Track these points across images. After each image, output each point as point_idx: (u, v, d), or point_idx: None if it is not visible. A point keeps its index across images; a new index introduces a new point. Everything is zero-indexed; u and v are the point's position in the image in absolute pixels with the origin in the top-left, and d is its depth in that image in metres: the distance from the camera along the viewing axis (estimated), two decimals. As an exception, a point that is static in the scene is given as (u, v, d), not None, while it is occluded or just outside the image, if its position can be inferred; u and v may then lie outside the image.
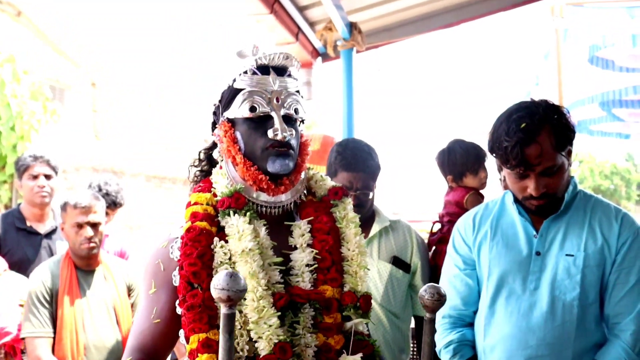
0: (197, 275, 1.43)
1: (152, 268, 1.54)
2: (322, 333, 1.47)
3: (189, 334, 1.41)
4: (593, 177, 25.03)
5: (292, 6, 4.32)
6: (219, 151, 1.59)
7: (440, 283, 2.26)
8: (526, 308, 1.99)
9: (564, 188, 2.01)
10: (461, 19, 5.02)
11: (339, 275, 1.53)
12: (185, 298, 1.42)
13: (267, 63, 1.55)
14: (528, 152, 1.90)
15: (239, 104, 1.53)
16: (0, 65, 8.07)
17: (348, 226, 1.59)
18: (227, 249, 1.47)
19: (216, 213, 1.52)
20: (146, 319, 1.50)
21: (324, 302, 1.48)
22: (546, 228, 2.04)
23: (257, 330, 1.40)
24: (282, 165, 1.50)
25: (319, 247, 1.53)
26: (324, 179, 1.67)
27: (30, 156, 3.74)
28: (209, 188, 1.57)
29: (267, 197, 1.52)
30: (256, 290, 1.41)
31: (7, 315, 3.14)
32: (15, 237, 3.64)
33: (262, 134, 1.51)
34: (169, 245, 1.53)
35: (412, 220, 7.24)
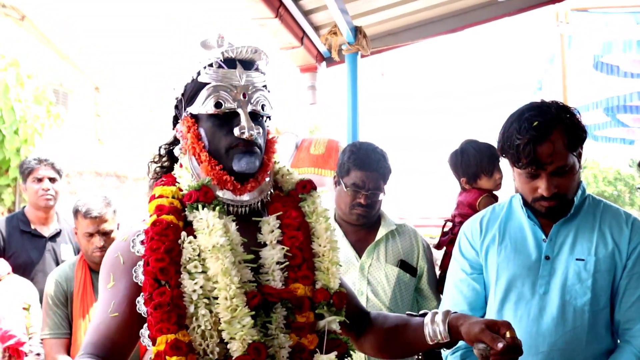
0: (165, 272, 1.34)
1: (111, 261, 1.45)
2: (295, 333, 1.42)
3: (155, 335, 1.33)
4: (597, 183, 24.99)
5: (297, 10, 4.32)
6: (181, 148, 1.52)
7: (445, 287, 2.24)
8: (536, 313, 1.97)
9: (574, 190, 1.99)
10: (466, 24, 5.00)
11: (310, 272, 1.48)
12: (152, 296, 1.34)
13: (234, 56, 1.47)
14: (540, 150, 1.87)
15: (203, 99, 1.45)
16: (4, 69, 8.09)
17: (318, 221, 1.54)
18: (196, 245, 1.39)
19: (182, 207, 1.44)
20: (103, 313, 1.41)
21: (295, 300, 1.43)
22: (555, 232, 2.01)
23: (230, 331, 1.34)
24: (248, 164, 1.44)
25: (289, 244, 1.47)
26: (290, 173, 1.61)
27: (35, 159, 3.75)
28: (173, 182, 1.50)
29: (233, 196, 1.46)
30: (229, 289, 1.34)
31: (11, 319, 3.14)
32: (19, 240, 3.64)
33: (227, 132, 1.45)
34: (130, 239, 1.44)
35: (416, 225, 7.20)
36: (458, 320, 1.47)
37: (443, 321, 1.48)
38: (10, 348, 3.09)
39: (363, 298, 2.59)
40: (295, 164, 4.41)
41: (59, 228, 3.77)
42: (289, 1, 4.12)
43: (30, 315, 3.27)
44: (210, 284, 1.37)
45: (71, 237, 3.83)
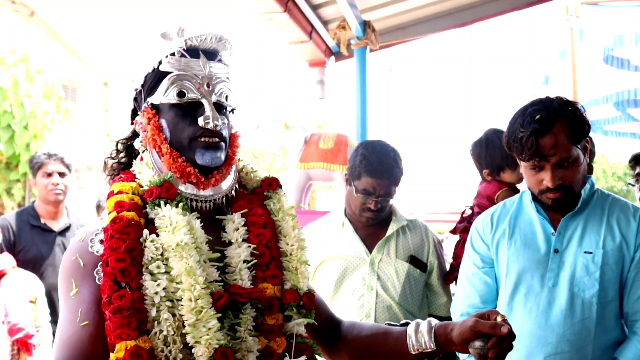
0: (125, 273, 1.25)
1: (69, 265, 1.34)
2: (264, 335, 1.35)
3: (115, 341, 1.23)
4: (606, 178, 24.89)
5: (305, 4, 4.31)
6: (141, 140, 1.43)
7: (458, 281, 2.27)
8: (545, 305, 1.98)
9: (580, 182, 2.00)
10: (475, 18, 4.99)
11: (278, 271, 1.41)
12: (111, 299, 1.24)
13: (198, 45, 1.41)
14: (543, 142, 1.90)
15: (165, 88, 1.38)
16: (14, 65, 8.13)
17: (284, 219, 1.47)
18: (159, 243, 1.30)
19: (143, 204, 1.36)
20: (71, 324, 1.29)
21: (265, 301, 1.35)
22: (564, 226, 2.03)
23: (195, 334, 1.25)
24: (213, 159, 1.37)
25: (255, 242, 1.40)
26: (255, 171, 1.54)
27: (45, 154, 3.76)
28: (132, 178, 1.41)
29: (196, 191, 1.38)
30: (193, 289, 1.26)
31: (20, 312, 3.16)
32: (29, 234, 3.66)
33: (190, 122, 1.38)
34: (87, 239, 1.34)
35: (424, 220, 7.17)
36: (446, 328, 1.41)
37: (428, 331, 1.42)
38: (19, 341, 3.11)
39: (373, 293, 2.58)
40: (304, 158, 4.40)
41: (68, 222, 3.79)
42: (297, -5, 4.12)
43: (37, 308, 3.29)
44: (173, 285, 1.28)
45: (81, 231, 3.84)
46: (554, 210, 2.03)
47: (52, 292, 3.50)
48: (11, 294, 3.19)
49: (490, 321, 1.35)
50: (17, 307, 3.17)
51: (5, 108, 7.91)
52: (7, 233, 3.53)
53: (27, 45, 10.59)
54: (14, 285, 3.23)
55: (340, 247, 2.66)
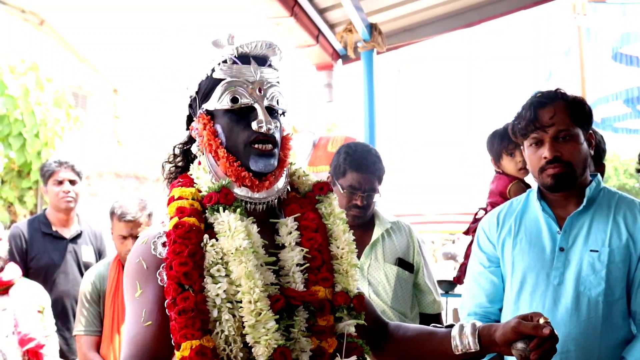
0: (189, 276, 1.31)
1: (134, 268, 1.40)
2: (316, 336, 1.40)
3: (180, 340, 1.29)
4: (617, 176, 24.73)
5: (312, 8, 4.33)
6: (198, 145, 1.49)
7: (465, 280, 2.28)
8: (551, 303, 1.98)
9: (581, 164, 2.00)
10: (482, 18, 4.98)
11: (330, 274, 1.45)
12: (176, 301, 1.30)
13: (249, 52, 1.46)
14: (542, 113, 1.98)
15: (218, 95, 1.43)
16: (24, 73, 8.18)
17: (335, 223, 1.52)
18: (219, 248, 1.36)
19: (202, 209, 1.41)
20: (136, 324, 1.36)
21: (317, 303, 1.41)
22: (570, 224, 2.03)
23: (254, 335, 1.31)
24: (266, 166, 1.42)
25: (307, 246, 1.44)
26: (307, 174, 1.59)
27: (55, 162, 3.79)
28: (191, 183, 1.47)
29: (251, 194, 1.43)
30: (253, 292, 1.31)
31: (30, 322, 3.16)
32: (41, 242, 3.69)
33: (244, 127, 1.42)
34: (149, 242, 1.40)
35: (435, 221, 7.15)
36: (490, 329, 1.46)
37: (472, 333, 1.46)
38: (30, 351, 3.11)
39: None
40: (312, 162, 4.42)
41: (79, 230, 3.82)
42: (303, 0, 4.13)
43: (44, 317, 3.29)
44: (233, 288, 1.34)
45: (91, 238, 3.87)
46: (554, 191, 2.03)
47: (64, 299, 3.52)
48: (20, 304, 3.19)
49: (532, 322, 1.38)
50: (27, 317, 3.16)
51: (16, 116, 7.96)
52: (20, 241, 3.56)
53: (37, 53, 10.67)
54: (22, 295, 3.22)
55: None
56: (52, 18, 11.94)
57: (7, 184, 8.34)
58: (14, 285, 3.23)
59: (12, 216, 8.30)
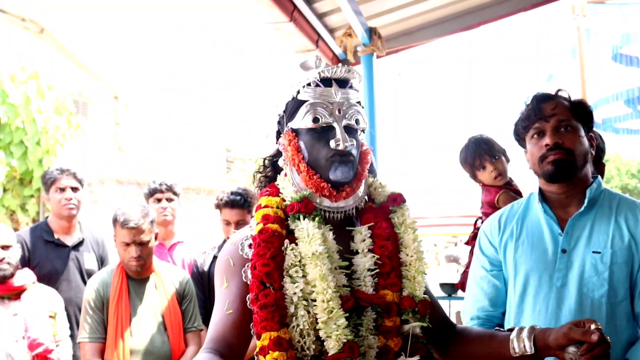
0: (270, 276, 1.49)
1: (223, 264, 1.60)
2: (383, 335, 1.53)
3: (260, 331, 1.46)
4: (620, 177, 24.71)
5: (311, 13, 4.33)
6: (284, 159, 1.65)
7: (467, 284, 2.27)
8: (554, 306, 1.98)
9: (581, 156, 2.02)
10: (481, 21, 4.98)
11: (398, 280, 1.58)
12: (258, 297, 1.48)
13: (330, 76, 1.60)
14: (544, 105, 2.03)
15: (302, 115, 1.59)
16: (25, 81, 8.19)
17: (406, 232, 1.64)
18: (298, 252, 1.52)
19: (285, 216, 1.58)
20: (220, 311, 1.55)
21: (384, 306, 1.54)
22: (572, 225, 2.03)
23: (326, 330, 1.46)
24: (344, 173, 1.56)
25: (379, 252, 1.58)
26: (383, 186, 1.72)
27: (57, 169, 3.80)
28: (277, 192, 1.64)
29: (330, 203, 1.59)
30: (326, 292, 1.47)
31: (39, 327, 3.19)
32: (44, 249, 3.69)
33: (324, 144, 1.57)
34: (238, 243, 1.59)
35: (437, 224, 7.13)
36: (545, 333, 1.55)
37: (528, 337, 1.56)
38: (39, 356, 3.14)
39: None
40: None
41: (81, 237, 3.82)
42: (302, 4, 4.13)
43: (56, 323, 3.32)
44: (309, 288, 1.50)
45: (94, 245, 3.88)
46: (555, 180, 2.03)
47: (67, 306, 3.52)
48: (31, 309, 3.22)
49: (582, 328, 1.48)
50: (37, 322, 3.20)
51: (17, 124, 7.97)
52: (22, 249, 3.56)
53: (38, 61, 10.69)
54: (34, 301, 3.26)
55: None
56: (52, 26, 11.96)
57: (9, 192, 8.34)
58: (26, 291, 3.26)
59: (14, 224, 8.31)
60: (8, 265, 3.21)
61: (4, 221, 8.21)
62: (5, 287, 3.22)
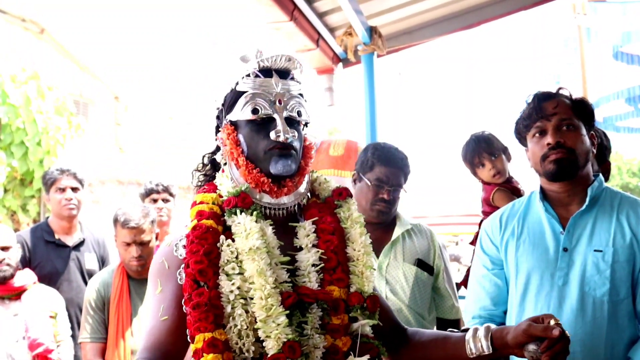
0: (204, 273, 1.41)
1: (157, 267, 1.52)
2: (330, 334, 1.46)
3: (194, 333, 1.39)
4: (621, 175, 24.69)
5: (311, 12, 4.32)
6: (222, 154, 1.59)
7: (469, 283, 2.27)
8: (556, 304, 1.98)
9: (583, 155, 2.02)
10: (482, 20, 4.97)
11: (345, 275, 1.52)
12: (191, 296, 1.41)
13: (270, 65, 1.54)
14: (545, 104, 2.03)
15: (241, 106, 1.53)
16: (25, 82, 8.20)
17: (353, 226, 1.58)
18: (234, 248, 1.45)
19: (222, 213, 1.51)
20: (154, 318, 1.47)
21: (331, 302, 1.47)
22: (573, 224, 2.02)
23: (265, 329, 1.39)
24: (285, 166, 1.49)
25: (324, 247, 1.52)
26: (327, 181, 1.66)
27: (57, 170, 3.79)
28: (214, 189, 1.56)
29: (270, 199, 1.52)
30: (264, 288, 1.40)
31: (39, 327, 3.19)
32: (44, 250, 3.69)
33: (264, 136, 1.51)
34: (173, 244, 1.51)
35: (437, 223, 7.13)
36: (502, 332, 1.50)
37: (485, 336, 1.51)
38: (39, 356, 3.14)
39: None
40: (314, 166, 4.38)
41: (82, 237, 3.82)
42: (303, 4, 4.13)
43: (58, 323, 3.32)
44: (246, 285, 1.42)
45: (94, 245, 3.87)
46: (556, 179, 2.03)
47: (68, 306, 3.52)
48: (32, 310, 3.22)
49: (542, 324, 1.42)
50: (37, 323, 3.20)
51: (18, 125, 7.97)
52: (23, 249, 3.56)
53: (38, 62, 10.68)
54: (34, 301, 3.26)
55: None
56: (53, 27, 11.96)
57: (10, 193, 8.34)
58: (27, 291, 3.26)
59: (15, 225, 8.31)
60: (8, 266, 3.21)
61: (5, 221, 8.21)
62: (5, 288, 3.22)
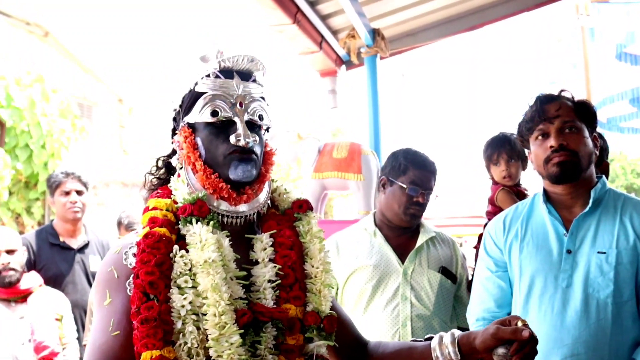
0: (154, 286, 1.30)
1: (105, 276, 1.39)
2: (284, 355, 1.38)
3: (140, 350, 1.28)
4: (625, 176, 24.62)
5: (314, 15, 4.34)
6: (178, 158, 1.49)
7: (473, 286, 2.27)
8: (560, 306, 1.97)
9: (586, 157, 2.02)
10: (484, 21, 4.99)
11: (302, 293, 1.44)
12: (140, 310, 1.29)
13: (231, 66, 1.46)
14: (548, 107, 2.04)
15: (200, 108, 1.44)
16: (30, 85, 8.23)
17: (312, 241, 1.50)
18: (188, 259, 1.35)
19: (176, 220, 1.41)
20: (103, 333, 1.34)
21: (287, 321, 1.39)
22: (576, 226, 2.02)
23: (217, 349, 1.30)
24: (245, 172, 1.41)
25: (281, 263, 1.43)
26: (288, 192, 1.57)
27: (62, 173, 3.81)
28: (168, 195, 1.47)
29: (228, 207, 1.43)
30: (218, 305, 1.30)
31: (45, 330, 3.19)
32: (49, 252, 3.71)
33: (223, 140, 1.42)
34: (122, 251, 1.40)
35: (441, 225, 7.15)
36: (469, 337, 1.43)
37: (452, 342, 1.44)
38: (45, 358, 3.15)
39: (407, 303, 2.55)
40: (318, 168, 4.40)
41: (86, 240, 3.83)
42: (306, 6, 4.14)
43: (63, 325, 3.33)
44: (199, 300, 1.33)
45: (99, 248, 3.89)
46: (560, 181, 2.03)
47: (73, 309, 3.53)
48: (37, 312, 3.23)
49: (511, 327, 1.36)
50: (43, 325, 3.21)
51: (22, 128, 8.00)
52: (28, 252, 3.57)
53: (43, 65, 10.72)
54: (40, 304, 3.27)
55: (372, 257, 2.64)
56: (56, 29, 12.00)
57: (15, 196, 8.37)
58: (33, 294, 3.27)
59: (19, 227, 8.34)
60: (13, 271, 3.21)
61: (10, 224, 8.24)
62: (11, 290, 3.23)
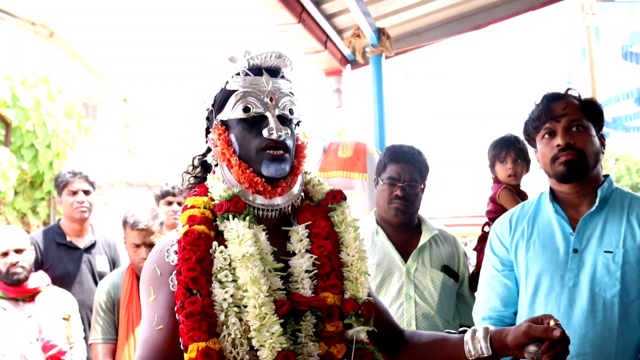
0: (196, 281, 1.37)
1: (149, 274, 1.46)
2: (324, 342, 1.42)
3: (187, 342, 1.34)
4: (630, 175, 24.52)
5: (319, 15, 4.34)
6: (213, 155, 1.55)
7: (479, 285, 2.26)
8: (566, 306, 1.97)
9: (593, 156, 2.02)
10: (490, 20, 4.98)
11: (339, 281, 1.48)
12: (184, 305, 1.36)
13: (260, 64, 1.51)
14: (554, 105, 2.04)
15: (232, 105, 1.49)
16: (35, 85, 8.26)
17: (347, 230, 1.54)
18: (227, 254, 1.41)
19: (214, 217, 1.47)
20: (149, 327, 1.41)
21: (325, 309, 1.43)
22: (583, 225, 2.02)
23: (259, 338, 1.35)
24: (278, 170, 1.46)
25: (317, 253, 1.48)
26: (321, 183, 1.62)
27: (69, 172, 3.82)
28: (205, 192, 1.52)
29: (264, 200, 1.47)
30: (258, 297, 1.36)
31: (53, 329, 3.21)
32: (56, 252, 3.72)
33: (256, 134, 1.47)
34: (164, 249, 1.46)
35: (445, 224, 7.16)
36: (502, 333, 1.47)
37: (484, 337, 1.48)
38: (52, 357, 3.16)
39: (411, 302, 2.57)
40: (323, 167, 4.41)
41: (93, 239, 3.85)
42: (311, 6, 4.15)
43: (70, 325, 3.34)
44: (240, 293, 1.38)
45: (105, 248, 3.90)
46: (567, 180, 2.03)
47: (80, 308, 3.54)
48: (45, 312, 3.25)
49: (542, 325, 1.39)
50: (50, 325, 3.22)
51: (28, 128, 8.03)
52: (35, 252, 3.59)
53: (48, 65, 10.75)
54: (48, 303, 3.29)
55: (375, 255, 2.65)
56: (62, 30, 12.03)
57: (20, 195, 8.40)
58: (40, 293, 3.29)
59: (25, 227, 8.36)
60: (22, 269, 3.24)
61: (16, 223, 8.26)
62: (19, 290, 3.25)
